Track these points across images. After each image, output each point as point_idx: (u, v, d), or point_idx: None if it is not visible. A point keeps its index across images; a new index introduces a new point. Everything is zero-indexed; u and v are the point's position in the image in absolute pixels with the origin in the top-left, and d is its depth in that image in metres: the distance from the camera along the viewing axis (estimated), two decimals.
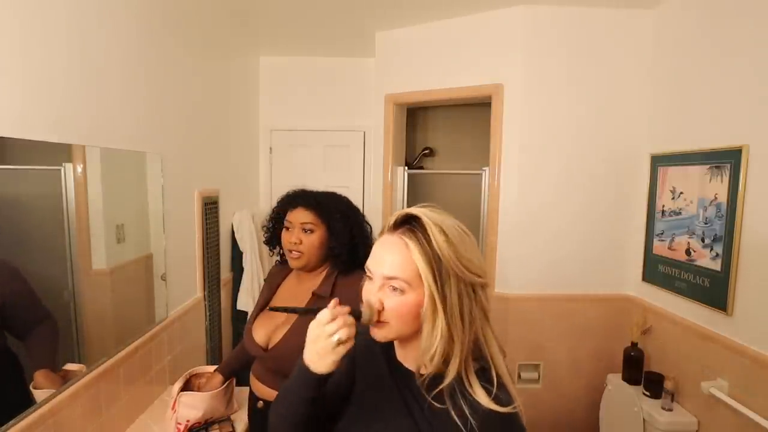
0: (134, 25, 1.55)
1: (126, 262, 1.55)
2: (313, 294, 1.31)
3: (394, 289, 0.72)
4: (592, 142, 2.28)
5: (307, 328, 1.24)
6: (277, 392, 1.22)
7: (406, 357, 0.80)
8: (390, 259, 0.73)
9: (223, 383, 1.49)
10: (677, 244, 2.00)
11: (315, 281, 1.35)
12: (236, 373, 1.55)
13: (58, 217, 1.21)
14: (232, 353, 1.55)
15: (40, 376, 1.12)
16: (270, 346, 1.31)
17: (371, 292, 0.75)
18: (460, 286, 0.71)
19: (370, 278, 0.76)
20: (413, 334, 0.75)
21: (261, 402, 1.35)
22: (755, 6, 1.64)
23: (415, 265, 0.71)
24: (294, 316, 1.31)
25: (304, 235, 1.31)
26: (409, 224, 0.74)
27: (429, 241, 0.71)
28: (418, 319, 0.73)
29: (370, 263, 0.77)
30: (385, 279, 0.73)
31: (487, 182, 2.50)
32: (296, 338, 1.26)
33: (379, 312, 0.73)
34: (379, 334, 0.75)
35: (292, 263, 1.35)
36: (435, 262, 0.70)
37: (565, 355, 2.39)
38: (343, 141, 3.25)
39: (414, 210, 0.75)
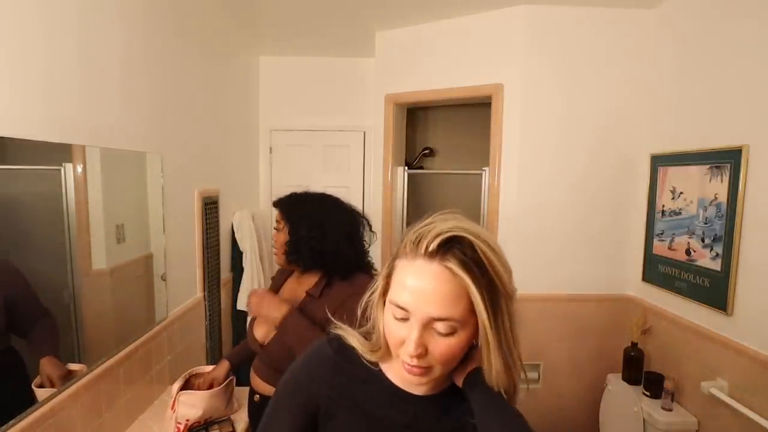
0: (134, 25, 1.55)
1: (126, 262, 1.54)
2: (307, 293, 1.36)
3: (441, 330, 0.59)
4: (592, 142, 2.28)
5: (291, 327, 1.27)
6: (271, 387, 1.20)
7: (404, 380, 0.71)
8: (438, 297, 0.58)
9: (230, 370, 1.54)
10: (677, 244, 2.00)
11: (310, 282, 1.38)
12: (243, 362, 1.59)
13: (58, 217, 1.21)
14: (241, 344, 1.61)
15: (46, 363, 1.12)
16: (265, 343, 1.36)
17: (409, 336, 0.60)
18: (509, 306, 0.63)
19: (401, 319, 0.61)
20: None
21: (258, 396, 1.39)
22: (755, 6, 1.64)
23: (467, 300, 0.58)
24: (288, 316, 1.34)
25: (275, 233, 1.40)
26: (449, 246, 0.59)
27: (482, 268, 0.58)
28: (462, 354, 0.64)
29: (406, 301, 0.60)
30: (431, 320, 0.59)
31: (487, 182, 2.50)
32: (282, 336, 1.28)
33: (420, 356, 0.60)
34: (420, 381, 0.64)
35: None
36: (490, 292, 0.59)
37: (565, 355, 2.39)
38: (343, 141, 3.25)
39: (453, 230, 0.59)
